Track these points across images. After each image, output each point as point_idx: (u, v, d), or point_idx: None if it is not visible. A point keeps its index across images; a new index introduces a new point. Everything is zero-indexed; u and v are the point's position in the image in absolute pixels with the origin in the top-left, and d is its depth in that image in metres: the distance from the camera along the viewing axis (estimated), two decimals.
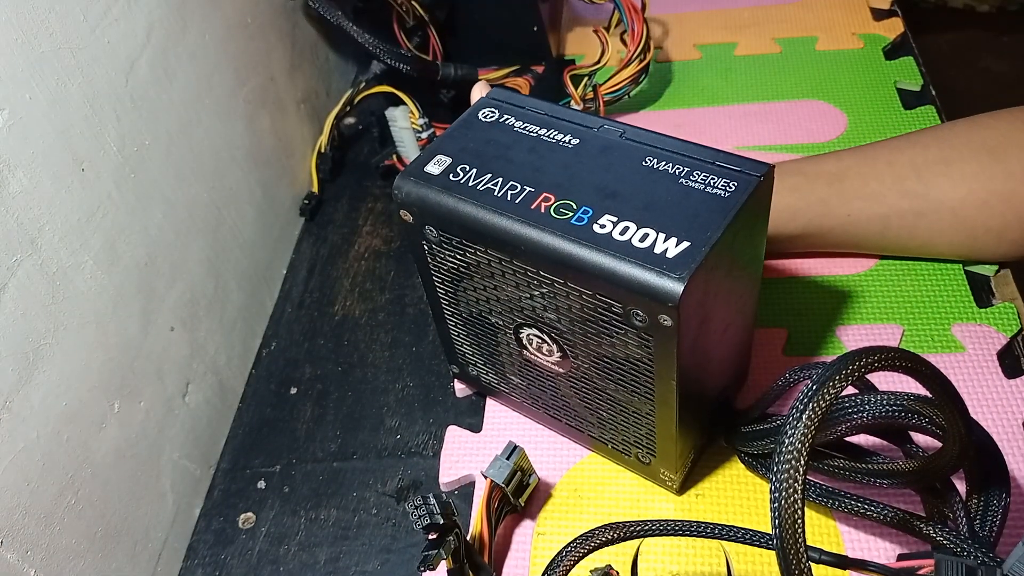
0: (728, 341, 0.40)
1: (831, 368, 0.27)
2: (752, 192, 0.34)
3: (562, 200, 0.35)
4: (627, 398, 0.38)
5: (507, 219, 0.35)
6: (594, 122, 0.39)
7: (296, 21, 0.69)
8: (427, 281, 0.42)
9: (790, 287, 0.52)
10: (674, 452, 0.39)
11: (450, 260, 0.39)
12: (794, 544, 0.26)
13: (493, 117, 0.40)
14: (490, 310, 0.40)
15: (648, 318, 0.32)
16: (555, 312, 0.37)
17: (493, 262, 0.37)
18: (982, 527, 0.34)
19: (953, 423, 0.30)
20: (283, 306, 0.61)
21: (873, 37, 0.70)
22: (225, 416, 0.55)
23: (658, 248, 0.32)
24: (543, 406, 0.45)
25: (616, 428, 0.41)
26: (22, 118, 0.38)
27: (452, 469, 0.47)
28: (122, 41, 0.45)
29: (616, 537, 0.34)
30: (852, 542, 0.40)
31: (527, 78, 0.68)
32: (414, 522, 0.36)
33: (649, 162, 0.36)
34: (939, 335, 0.48)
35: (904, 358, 0.28)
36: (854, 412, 0.34)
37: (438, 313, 0.44)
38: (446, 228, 0.37)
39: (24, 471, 0.38)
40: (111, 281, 0.44)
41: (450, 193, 0.37)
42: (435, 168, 0.38)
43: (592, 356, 0.37)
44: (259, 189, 0.61)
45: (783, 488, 0.26)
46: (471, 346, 0.45)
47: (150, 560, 0.47)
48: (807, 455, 0.26)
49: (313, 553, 0.46)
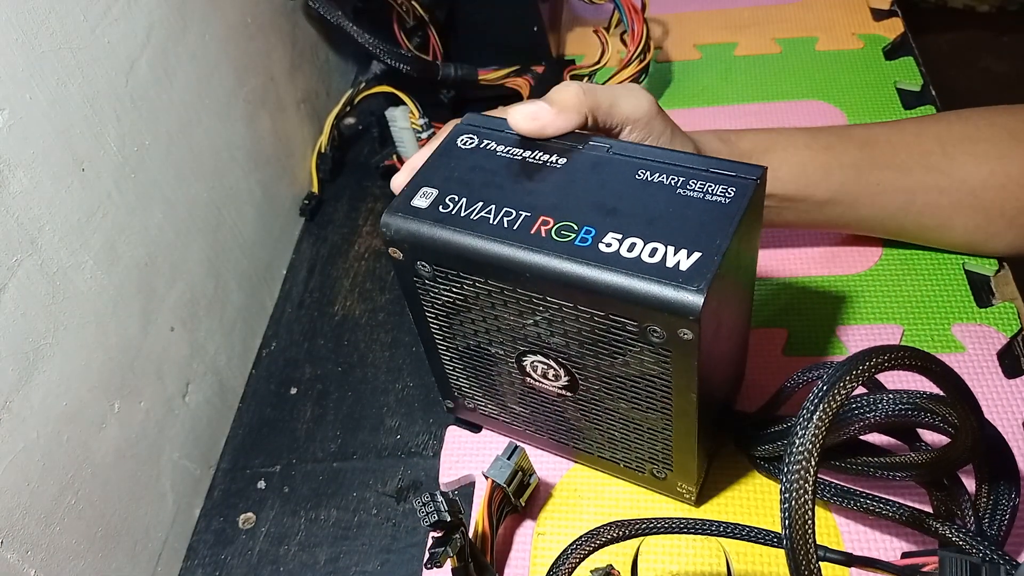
0: (733, 345, 0.40)
1: (842, 368, 0.27)
2: (751, 196, 0.34)
3: (562, 222, 0.34)
4: (641, 415, 0.37)
5: (508, 247, 0.34)
6: (578, 139, 0.38)
7: (296, 21, 0.69)
8: (419, 318, 0.41)
9: (790, 287, 0.52)
10: (694, 464, 0.38)
11: (445, 295, 0.38)
12: (804, 545, 0.26)
13: (472, 143, 0.39)
14: (490, 341, 0.39)
15: (666, 333, 0.32)
16: (563, 337, 0.36)
17: (494, 292, 0.36)
18: (990, 525, 0.35)
19: (966, 417, 0.30)
20: (283, 306, 0.61)
21: (873, 37, 0.70)
22: (225, 416, 0.55)
23: (669, 261, 0.31)
24: (548, 432, 0.43)
25: (629, 447, 0.40)
26: (22, 118, 0.38)
27: (452, 469, 0.47)
28: (122, 41, 0.45)
29: (622, 535, 0.34)
30: (851, 541, 0.40)
31: (527, 78, 0.68)
32: (421, 519, 0.36)
33: (643, 175, 0.35)
34: (939, 335, 0.48)
35: (915, 356, 0.28)
36: (865, 412, 0.34)
37: (431, 348, 0.43)
38: (441, 262, 0.36)
39: (24, 471, 0.38)
40: (111, 281, 0.44)
41: (443, 225, 0.35)
42: (422, 201, 0.37)
43: (603, 377, 0.36)
44: (259, 189, 0.61)
45: (794, 489, 0.26)
46: (468, 379, 0.43)
47: (150, 560, 0.47)
48: (818, 456, 0.26)
49: (313, 553, 0.46)
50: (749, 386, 0.47)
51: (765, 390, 0.47)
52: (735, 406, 0.45)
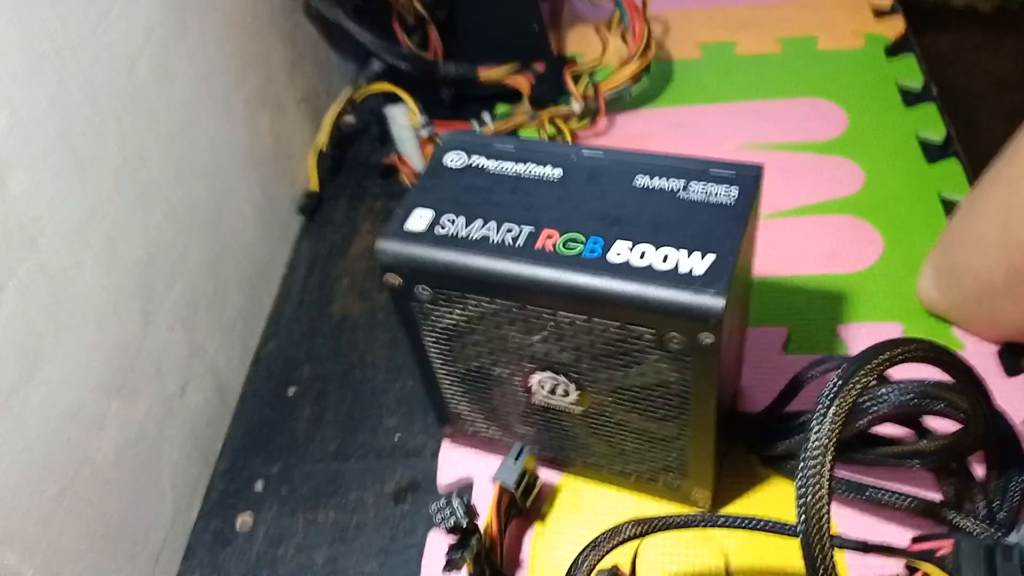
0: (738, 344, 0.40)
1: (855, 363, 0.27)
2: (754, 195, 0.34)
3: (567, 234, 0.33)
4: (657, 425, 0.37)
5: (515, 264, 0.33)
6: (569, 149, 0.37)
7: (296, 21, 0.69)
8: (416, 344, 0.40)
9: (790, 286, 0.52)
10: (711, 470, 0.38)
11: (447, 318, 0.37)
12: (820, 540, 0.26)
13: (462, 161, 0.38)
14: (494, 362, 0.38)
15: (686, 340, 0.31)
16: (573, 351, 0.35)
17: (501, 312, 0.35)
18: (1000, 509, 0.35)
19: (978, 404, 0.31)
20: (282, 306, 0.61)
21: (874, 36, 0.70)
22: (224, 416, 0.55)
23: (684, 267, 0.31)
24: (555, 450, 0.43)
25: (642, 458, 0.40)
26: (23, 118, 0.38)
27: (451, 470, 0.47)
28: (122, 41, 0.45)
29: (642, 531, 0.34)
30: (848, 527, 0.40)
31: (527, 76, 0.68)
32: (437, 524, 0.36)
33: (641, 181, 0.35)
34: (939, 333, 0.48)
35: (929, 349, 0.29)
36: (875, 404, 0.35)
37: (428, 374, 0.42)
38: (443, 284, 0.35)
39: (24, 471, 0.38)
40: (111, 281, 0.44)
41: (443, 247, 0.34)
42: (418, 224, 0.35)
43: (616, 389, 0.36)
44: (259, 188, 0.61)
45: (810, 484, 0.26)
46: (469, 403, 0.43)
47: (149, 561, 0.47)
48: (834, 451, 0.26)
49: (311, 554, 0.46)
50: (750, 385, 0.47)
51: (766, 389, 0.47)
52: (737, 406, 0.45)
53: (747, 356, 0.47)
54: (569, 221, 0.34)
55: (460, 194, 0.36)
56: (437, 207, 0.36)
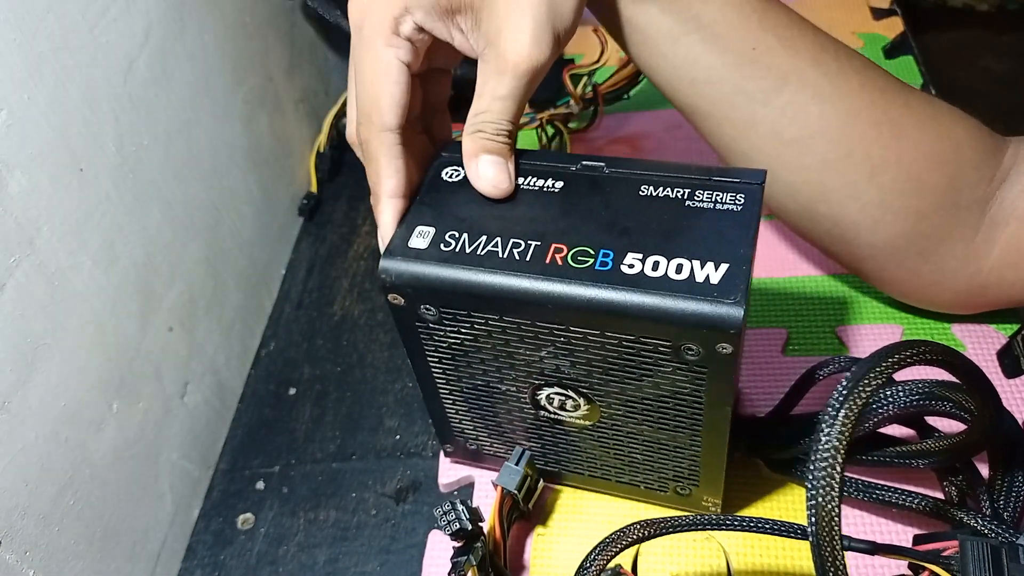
0: None
1: (865, 366, 0.27)
2: (760, 201, 0.33)
3: (576, 247, 0.33)
4: (668, 435, 0.36)
5: (525, 279, 0.32)
6: (569, 160, 0.37)
7: (294, 21, 0.69)
8: (419, 363, 0.39)
9: (790, 287, 0.52)
10: (722, 477, 0.38)
11: (452, 337, 0.36)
12: (831, 543, 0.26)
13: (459, 175, 0.37)
14: (501, 379, 0.38)
15: (703, 350, 0.31)
16: (584, 365, 0.34)
17: (509, 329, 0.34)
18: (1005, 508, 0.36)
19: (986, 404, 0.31)
20: (282, 306, 0.61)
21: (873, 36, 0.70)
22: (224, 417, 0.54)
23: (699, 276, 0.31)
24: (561, 464, 0.42)
25: (651, 468, 0.39)
26: (20, 118, 0.38)
27: (451, 470, 0.47)
28: (120, 41, 0.45)
29: (651, 533, 0.34)
30: (848, 528, 0.40)
31: None
32: (442, 528, 0.36)
33: (646, 191, 0.34)
34: (939, 335, 0.48)
35: (938, 351, 0.29)
36: (882, 405, 0.35)
37: (431, 393, 0.41)
38: (450, 303, 0.34)
39: (23, 471, 0.38)
40: (109, 281, 0.44)
41: (449, 265, 0.33)
42: (420, 242, 0.34)
43: (628, 401, 0.35)
44: (258, 189, 0.61)
45: (820, 487, 0.26)
46: (473, 420, 0.42)
47: (149, 561, 0.47)
48: (844, 454, 0.26)
49: (312, 554, 0.46)
50: (750, 387, 0.47)
51: (766, 391, 0.47)
52: (737, 409, 0.45)
53: (746, 358, 0.47)
54: (576, 234, 0.33)
55: (461, 209, 0.36)
56: (439, 224, 0.35)
